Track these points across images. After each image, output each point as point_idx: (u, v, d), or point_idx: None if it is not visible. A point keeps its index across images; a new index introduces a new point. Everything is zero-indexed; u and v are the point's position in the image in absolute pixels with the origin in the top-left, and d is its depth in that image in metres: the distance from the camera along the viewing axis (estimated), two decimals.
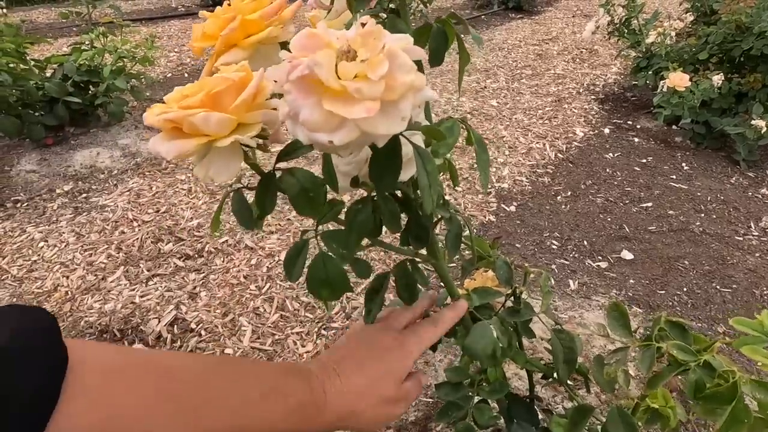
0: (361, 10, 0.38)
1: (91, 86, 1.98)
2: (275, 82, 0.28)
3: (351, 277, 0.40)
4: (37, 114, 1.83)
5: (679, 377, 0.48)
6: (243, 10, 0.35)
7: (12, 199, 1.61)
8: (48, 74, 1.94)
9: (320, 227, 0.40)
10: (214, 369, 0.29)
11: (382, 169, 0.31)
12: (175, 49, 3.25)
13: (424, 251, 0.48)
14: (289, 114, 0.26)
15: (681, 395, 0.91)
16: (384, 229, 0.39)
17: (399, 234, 0.43)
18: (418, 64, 0.30)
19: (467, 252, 0.60)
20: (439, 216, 0.46)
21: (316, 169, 0.33)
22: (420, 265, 0.49)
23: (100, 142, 1.95)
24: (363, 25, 0.28)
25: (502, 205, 1.61)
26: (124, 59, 2.00)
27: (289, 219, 1.52)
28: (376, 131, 0.25)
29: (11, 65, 1.75)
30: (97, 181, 1.73)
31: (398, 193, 0.40)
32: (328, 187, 0.35)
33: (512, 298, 0.63)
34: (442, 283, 0.51)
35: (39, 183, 1.71)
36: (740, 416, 0.41)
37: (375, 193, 0.37)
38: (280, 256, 1.35)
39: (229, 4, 0.36)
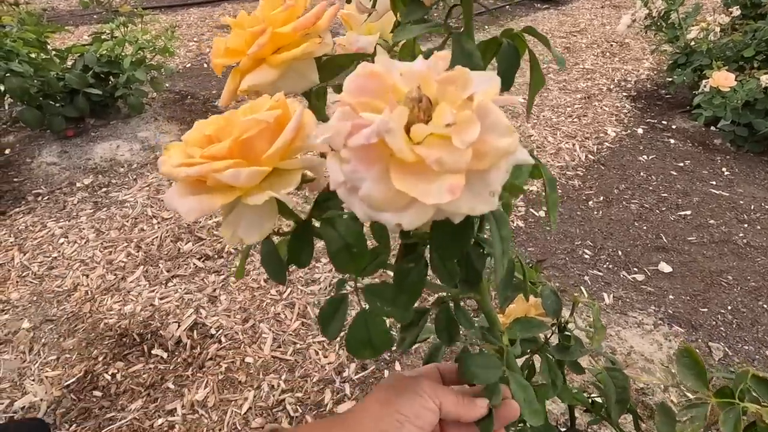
0: (412, 19, 0.32)
1: (111, 77, 1.96)
2: (323, 141, 0.21)
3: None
4: (57, 105, 1.82)
5: None
6: (273, 22, 0.29)
7: (33, 192, 1.60)
8: (68, 64, 1.92)
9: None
10: None
11: (449, 244, 0.25)
12: (194, 39, 3.21)
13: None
14: (345, 184, 0.20)
15: None
16: None
17: None
18: None
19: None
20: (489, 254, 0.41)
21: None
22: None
23: (120, 134, 1.93)
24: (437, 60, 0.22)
25: (531, 210, 1.54)
26: (144, 50, 1.96)
27: None
28: (458, 210, 0.20)
29: (32, 55, 1.73)
30: (116, 175, 1.71)
31: None
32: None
33: (558, 330, 0.57)
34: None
35: (59, 176, 1.70)
36: None
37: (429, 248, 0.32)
38: None
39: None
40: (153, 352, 1.04)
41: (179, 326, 1.10)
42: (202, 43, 3.16)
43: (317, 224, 0.30)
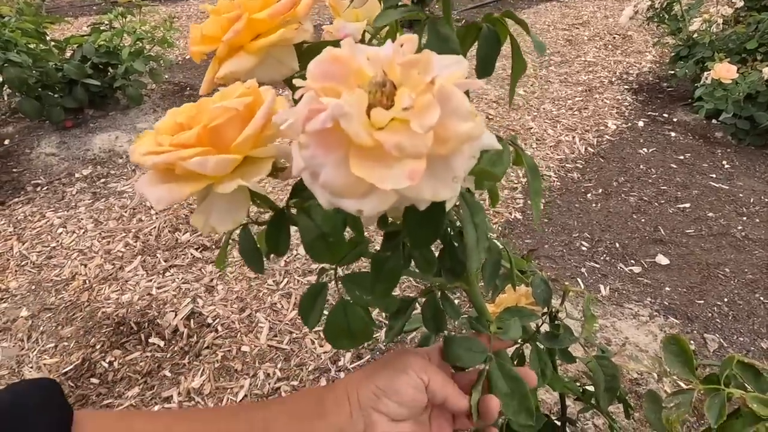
0: (394, 6, 0.31)
1: (109, 68, 1.95)
2: (286, 126, 0.21)
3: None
4: (56, 96, 1.82)
5: None
6: (250, 8, 0.29)
7: (32, 182, 1.60)
8: (67, 55, 1.92)
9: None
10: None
11: (419, 230, 0.25)
12: None
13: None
14: (307, 170, 0.20)
15: None
16: None
17: None
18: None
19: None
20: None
21: None
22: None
23: (118, 125, 1.93)
24: (401, 44, 0.22)
25: (529, 202, 1.54)
26: (143, 41, 1.96)
27: None
28: (420, 196, 0.19)
29: (31, 46, 1.73)
30: (115, 166, 1.71)
31: None
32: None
33: (549, 319, 0.57)
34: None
35: (58, 166, 1.70)
36: None
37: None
38: (298, 250, 1.32)
39: None
40: (150, 340, 1.05)
41: (176, 315, 1.10)
42: None
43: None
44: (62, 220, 1.43)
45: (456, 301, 0.53)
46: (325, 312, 0.35)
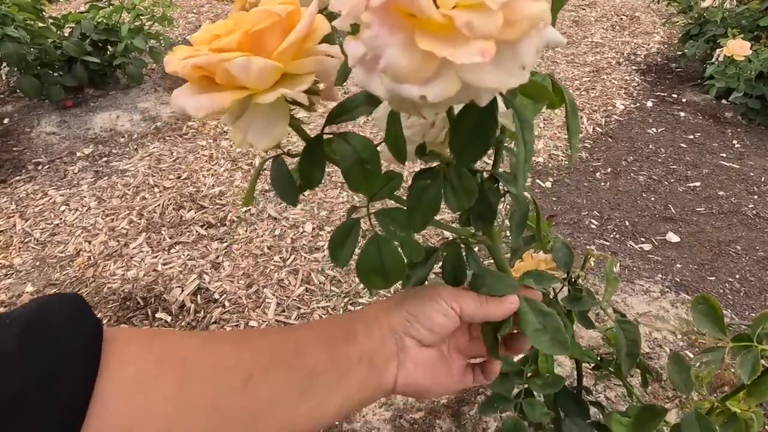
0: None
1: (109, 46, 1.92)
2: (342, 12, 0.20)
3: None
4: (55, 74, 1.78)
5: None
6: None
7: (33, 161, 1.58)
8: (66, 34, 1.88)
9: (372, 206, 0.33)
10: (265, 369, 0.24)
11: (469, 138, 0.23)
12: (194, 11, 3.14)
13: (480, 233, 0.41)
14: (364, 57, 0.18)
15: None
16: None
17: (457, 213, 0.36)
18: None
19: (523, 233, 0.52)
20: (505, 191, 0.39)
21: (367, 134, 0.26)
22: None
23: (119, 104, 1.90)
24: None
25: (537, 181, 1.52)
26: (142, 17, 1.92)
27: (314, 189, 1.46)
28: (485, 84, 0.18)
29: (28, 22, 1.69)
30: (117, 145, 1.69)
31: None
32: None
33: (569, 284, 0.56)
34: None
35: (59, 145, 1.68)
36: None
37: (446, 166, 0.30)
38: (304, 227, 1.30)
39: None
40: (157, 315, 1.04)
41: (183, 291, 1.09)
42: (201, 14, 3.09)
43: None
44: (65, 198, 1.41)
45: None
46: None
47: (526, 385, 0.57)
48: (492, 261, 0.41)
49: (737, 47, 1.62)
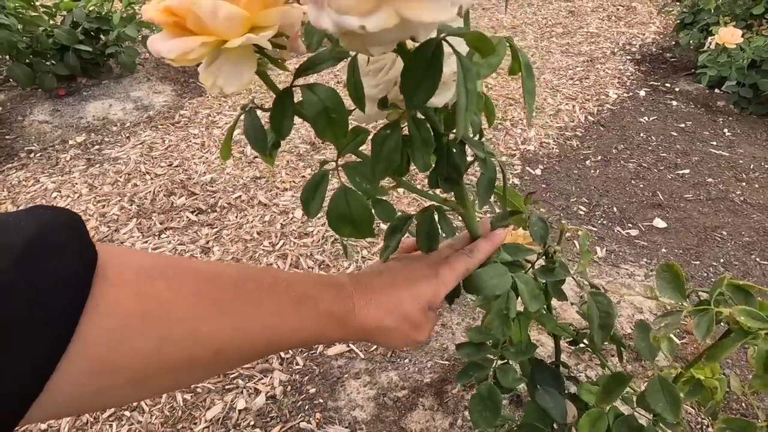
0: None
1: (101, 35, 1.91)
2: None
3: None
4: (48, 63, 1.78)
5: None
6: None
7: (26, 149, 1.59)
8: (58, 22, 1.87)
9: (341, 159, 0.34)
10: (252, 276, 0.28)
11: (416, 79, 0.25)
12: None
13: (452, 198, 0.43)
14: None
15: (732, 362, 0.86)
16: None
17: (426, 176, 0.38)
18: None
19: (497, 206, 0.53)
20: (472, 157, 0.40)
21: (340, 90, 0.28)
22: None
23: (112, 93, 1.90)
24: None
25: (527, 168, 1.53)
26: (134, 6, 1.91)
27: (303, 176, 1.47)
28: (421, 17, 0.19)
29: (20, 10, 1.69)
30: (109, 134, 1.69)
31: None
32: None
33: (545, 257, 0.57)
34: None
35: (52, 134, 1.68)
36: None
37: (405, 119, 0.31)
38: (294, 213, 1.31)
39: None
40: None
41: None
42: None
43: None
44: (56, 184, 1.42)
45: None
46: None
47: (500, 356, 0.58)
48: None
49: (728, 35, 1.62)
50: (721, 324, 0.43)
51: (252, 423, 0.83)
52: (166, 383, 0.25)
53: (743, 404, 0.82)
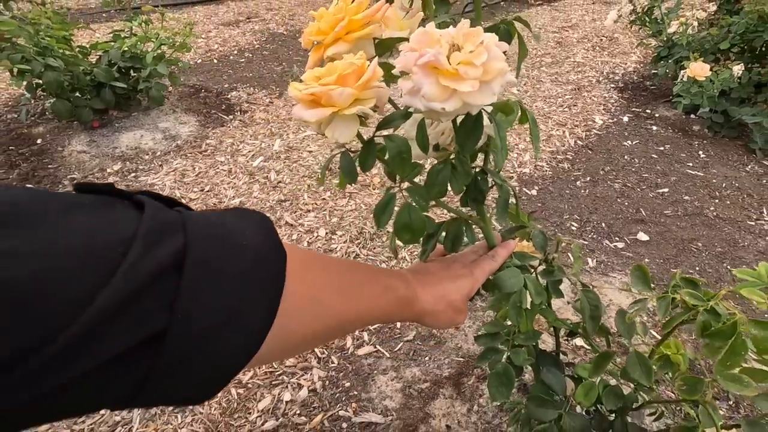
0: (441, 14, 0.48)
1: (132, 71, 2.09)
2: (398, 66, 0.37)
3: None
4: (85, 98, 1.96)
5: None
6: (349, 12, 0.45)
7: (68, 177, 1.74)
8: (92, 60, 2.05)
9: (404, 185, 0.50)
10: (355, 269, 0.39)
11: (467, 135, 0.41)
12: (202, 36, 3.34)
13: (476, 215, 0.58)
14: (412, 90, 0.36)
15: (692, 341, 1.01)
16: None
17: (459, 197, 0.53)
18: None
19: (508, 222, 0.70)
20: (492, 183, 0.56)
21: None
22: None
23: (142, 125, 2.07)
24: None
25: (524, 189, 1.70)
26: (164, 46, 2.10)
27: (324, 198, 1.62)
28: (475, 102, 0.35)
29: (62, 52, 1.87)
30: (143, 162, 1.85)
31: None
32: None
33: (545, 262, 0.73)
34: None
35: (90, 163, 1.84)
36: (738, 349, 0.51)
37: (453, 157, 0.47)
38: (318, 232, 1.47)
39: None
40: None
41: None
42: (210, 39, 3.29)
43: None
44: None
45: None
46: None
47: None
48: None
49: (698, 69, 1.83)
50: (678, 308, 0.59)
51: (298, 412, 0.96)
52: (313, 344, 0.32)
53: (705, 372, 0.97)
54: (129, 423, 0.94)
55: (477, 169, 0.50)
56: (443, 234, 0.58)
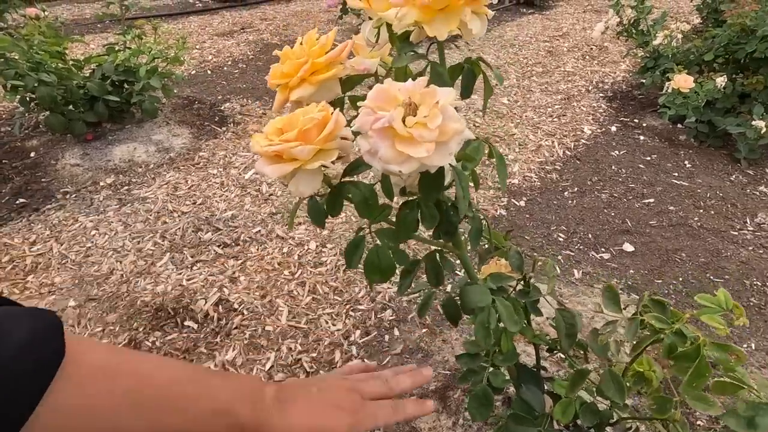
0: (406, 52, 0.49)
1: (126, 84, 2.11)
2: (356, 125, 0.39)
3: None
4: (78, 111, 1.97)
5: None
6: (312, 55, 0.46)
7: (61, 190, 1.75)
8: (85, 74, 2.07)
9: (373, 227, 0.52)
10: (180, 382, 0.34)
11: (429, 187, 0.43)
12: (197, 47, 3.36)
13: (450, 244, 0.60)
14: (369, 151, 0.38)
15: (660, 360, 1.03)
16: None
17: (431, 231, 0.55)
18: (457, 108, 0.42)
19: (485, 243, 0.72)
20: (464, 215, 0.58)
21: (366, 181, 0.45)
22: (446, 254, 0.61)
23: (135, 137, 2.09)
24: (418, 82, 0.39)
25: (513, 200, 1.73)
26: (158, 59, 2.12)
27: None
28: (432, 163, 0.37)
29: (54, 65, 1.88)
30: (136, 175, 1.87)
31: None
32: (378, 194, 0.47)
33: (522, 282, 0.75)
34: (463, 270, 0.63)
35: (83, 176, 1.85)
36: (703, 371, 0.53)
37: (419, 201, 0.49)
38: (308, 245, 1.49)
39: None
40: (185, 323, 1.21)
41: (206, 302, 1.26)
42: (204, 50, 3.32)
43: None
44: (94, 223, 1.58)
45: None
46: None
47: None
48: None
49: (682, 81, 1.87)
50: (647, 329, 0.61)
51: None
52: None
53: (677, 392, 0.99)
54: None
55: (447, 203, 0.52)
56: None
